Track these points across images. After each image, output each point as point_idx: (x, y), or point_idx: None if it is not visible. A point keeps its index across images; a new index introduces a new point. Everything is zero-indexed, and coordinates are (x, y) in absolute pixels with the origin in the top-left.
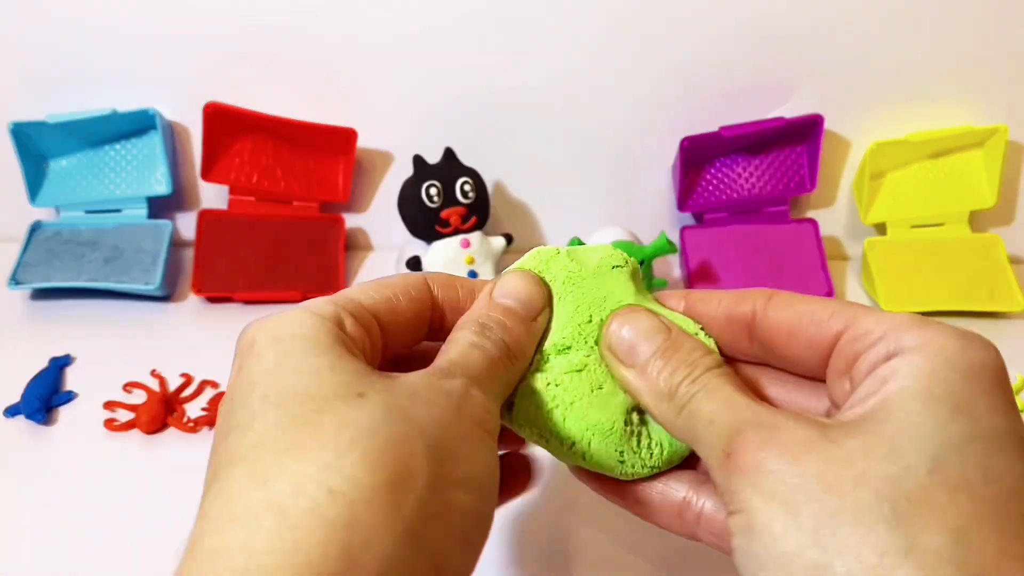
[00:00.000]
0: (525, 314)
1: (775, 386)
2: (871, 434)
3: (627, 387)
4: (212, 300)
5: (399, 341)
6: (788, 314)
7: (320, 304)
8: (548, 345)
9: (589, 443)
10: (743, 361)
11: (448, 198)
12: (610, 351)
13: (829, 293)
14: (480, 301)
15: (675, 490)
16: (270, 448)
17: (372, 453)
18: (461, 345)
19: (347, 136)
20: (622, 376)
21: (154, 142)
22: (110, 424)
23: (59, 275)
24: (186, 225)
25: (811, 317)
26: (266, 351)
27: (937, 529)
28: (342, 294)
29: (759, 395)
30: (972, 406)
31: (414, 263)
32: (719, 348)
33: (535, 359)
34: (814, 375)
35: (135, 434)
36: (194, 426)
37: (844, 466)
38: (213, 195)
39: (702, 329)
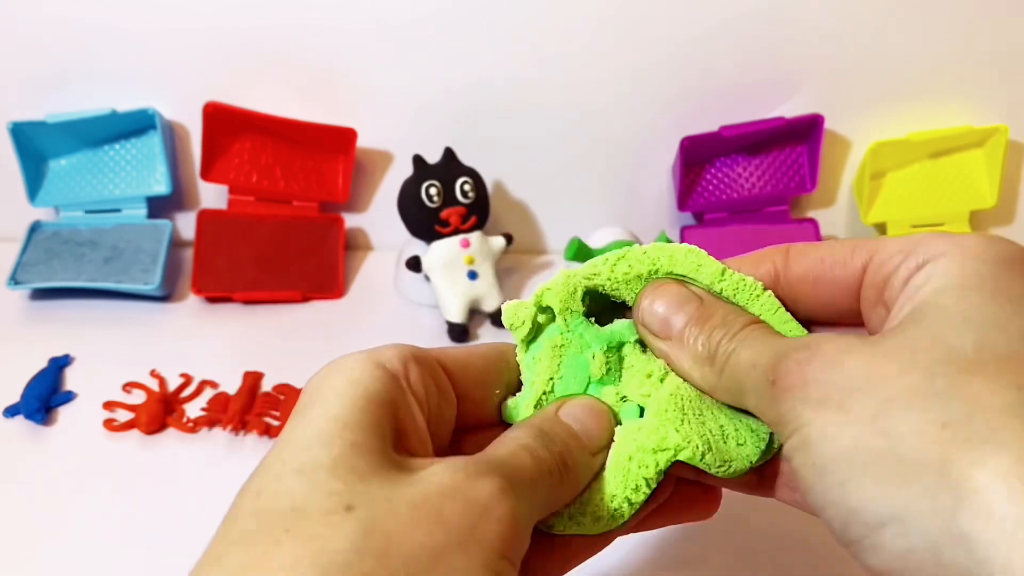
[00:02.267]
0: (589, 445)
1: None
2: (911, 331)
3: (666, 360)
4: (212, 300)
5: (475, 397)
6: (809, 262)
7: (387, 351)
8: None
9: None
10: None
11: (448, 198)
12: (644, 327)
13: None
14: (543, 412)
15: None
16: (227, 565)
17: None
18: (512, 445)
19: (347, 136)
20: (660, 350)
21: (153, 142)
22: (109, 424)
23: (58, 275)
24: (186, 225)
25: (833, 259)
26: (295, 420)
27: (994, 391)
28: (413, 347)
29: None
30: (1008, 289)
31: (414, 263)
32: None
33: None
34: (847, 319)
35: (134, 434)
36: (193, 426)
37: (889, 360)
38: (213, 195)
39: (764, 288)
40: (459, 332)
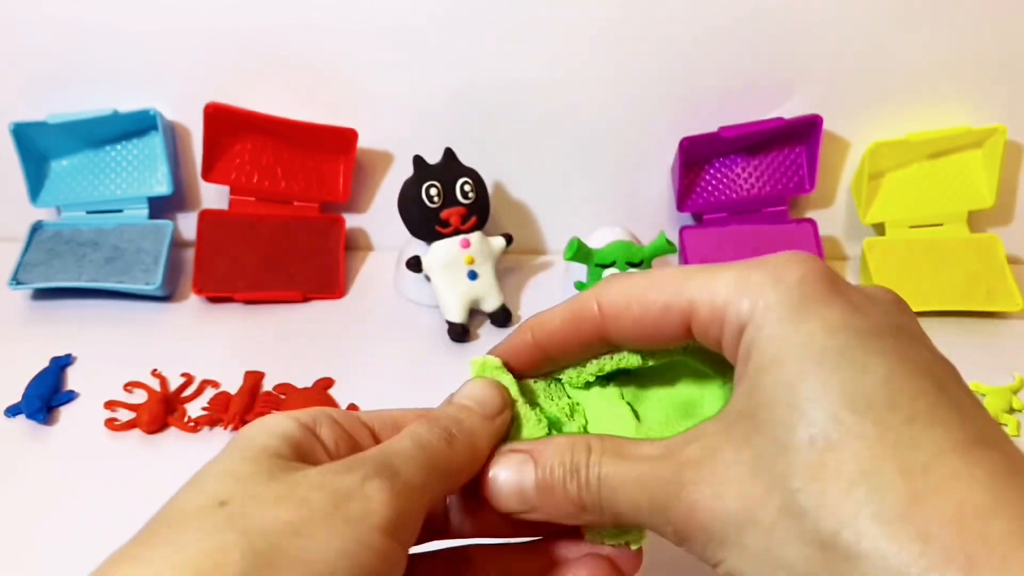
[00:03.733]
0: (482, 411)
1: None
2: (755, 433)
3: (550, 520)
4: (213, 300)
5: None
6: (626, 323)
7: (308, 411)
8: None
9: None
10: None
11: (448, 198)
12: (508, 510)
13: None
14: (439, 406)
15: None
16: (113, 560)
17: (170, 566)
18: (396, 438)
19: (347, 136)
20: (534, 520)
21: (155, 142)
22: (111, 424)
23: (60, 275)
24: (187, 225)
25: (650, 322)
26: (216, 458)
27: (844, 495)
28: (344, 411)
29: None
30: (810, 346)
31: (414, 263)
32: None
33: None
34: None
35: (136, 434)
36: (195, 426)
37: (755, 479)
38: (214, 195)
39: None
40: (459, 332)
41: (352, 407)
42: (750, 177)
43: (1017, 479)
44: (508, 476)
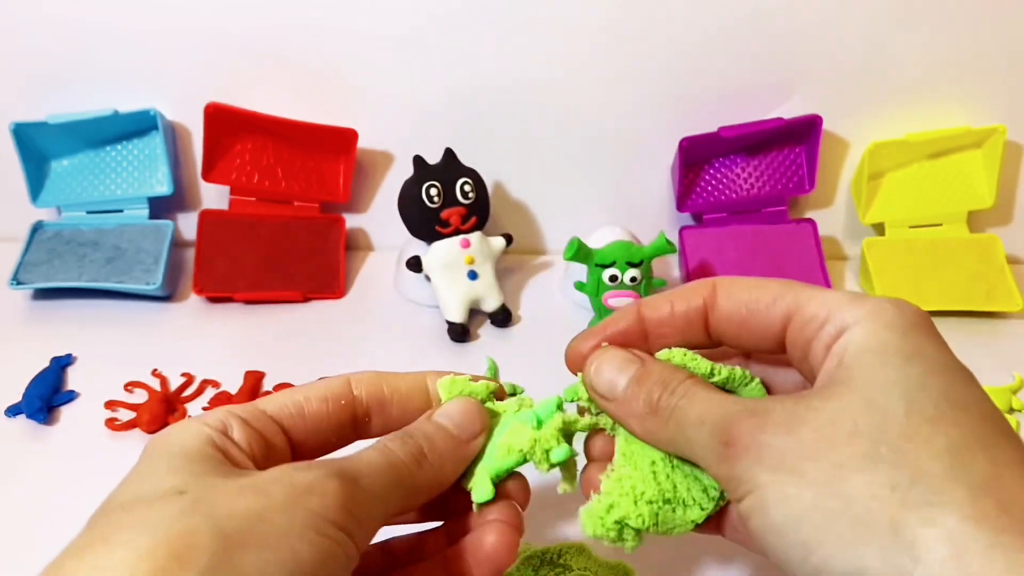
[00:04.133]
0: (458, 434)
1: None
2: (846, 395)
3: (616, 419)
4: (213, 300)
5: (312, 443)
6: (735, 304)
7: (213, 413)
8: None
9: None
10: (709, 348)
11: (448, 198)
12: (593, 390)
13: None
14: (419, 419)
15: None
16: (70, 553)
17: (145, 547)
18: (368, 449)
19: (348, 136)
20: (609, 411)
21: (155, 142)
22: (111, 423)
23: (60, 275)
24: (187, 225)
25: (755, 306)
26: (140, 462)
27: (932, 455)
28: (250, 403)
29: None
30: (920, 350)
31: (414, 263)
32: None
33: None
34: (772, 355)
35: (136, 433)
36: None
37: (834, 428)
38: (214, 195)
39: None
40: (459, 332)
41: None
42: (750, 177)
43: None
44: (612, 368)
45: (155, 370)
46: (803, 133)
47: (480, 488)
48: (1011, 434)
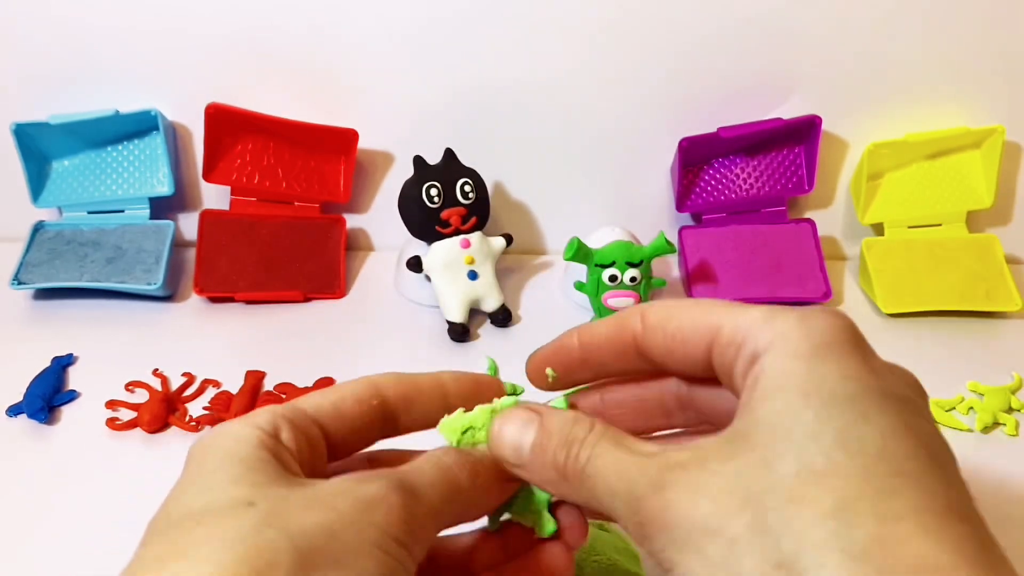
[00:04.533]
0: (515, 459)
1: (687, 393)
2: (746, 452)
3: (530, 482)
4: (214, 300)
5: (347, 444)
6: (662, 333)
7: (261, 415)
8: None
9: None
10: (647, 379)
11: (448, 198)
12: (501, 459)
13: (827, 293)
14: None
15: None
16: (146, 566)
17: (226, 563)
18: (421, 457)
19: (348, 137)
20: (520, 476)
21: (156, 143)
22: (112, 423)
23: (61, 275)
24: (188, 225)
25: (681, 334)
26: (190, 468)
27: (816, 520)
28: (289, 403)
29: (679, 409)
30: (821, 383)
31: (414, 263)
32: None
33: None
34: (708, 380)
35: (137, 433)
36: (196, 425)
37: (731, 496)
38: (215, 195)
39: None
40: (459, 332)
41: None
42: (749, 177)
43: (984, 554)
44: (512, 430)
45: (156, 370)
46: (802, 133)
47: (545, 522)
48: (914, 472)
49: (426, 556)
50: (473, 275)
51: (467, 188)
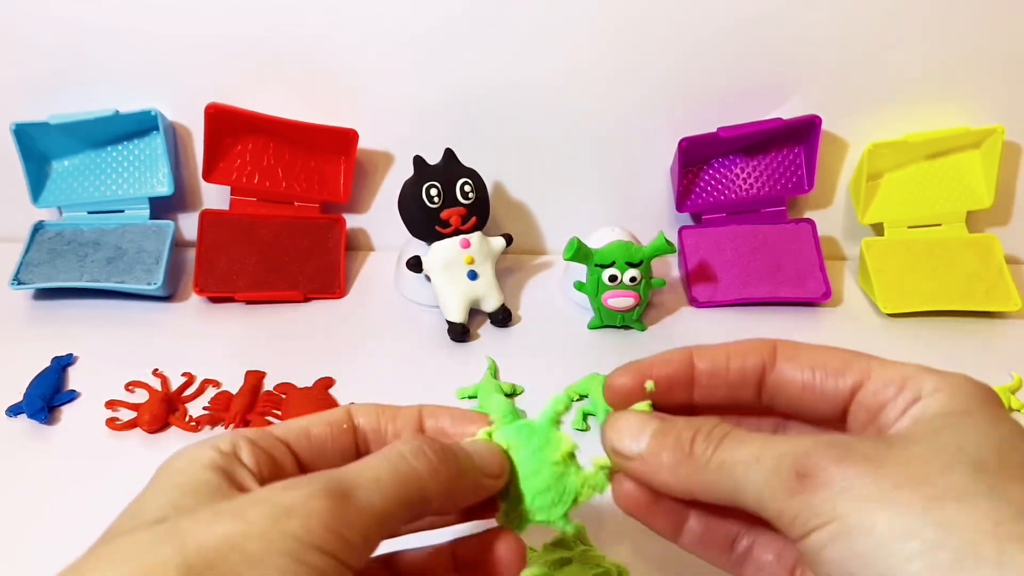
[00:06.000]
0: (477, 462)
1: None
2: (932, 440)
3: (642, 479)
4: (214, 300)
5: (319, 466)
6: (799, 368)
7: (224, 436)
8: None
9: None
10: (748, 415)
11: (448, 199)
12: (613, 451)
13: (827, 293)
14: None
15: (725, 526)
16: None
17: None
18: (374, 454)
19: (348, 137)
20: (633, 471)
21: (156, 143)
22: (112, 423)
23: (61, 275)
24: (188, 226)
25: (824, 371)
26: (145, 488)
27: (980, 519)
28: (258, 428)
29: None
30: (1003, 417)
31: (414, 263)
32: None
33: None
34: (824, 422)
35: (137, 433)
36: (196, 425)
37: (924, 462)
38: (215, 195)
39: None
40: (459, 332)
41: None
42: (749, 177)
43: None
44: (632, 420)
45: (156, 370)
46: (802, 133)
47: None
48: None
49: (383, 560)
50: (473, 275)
51: (467, 188)
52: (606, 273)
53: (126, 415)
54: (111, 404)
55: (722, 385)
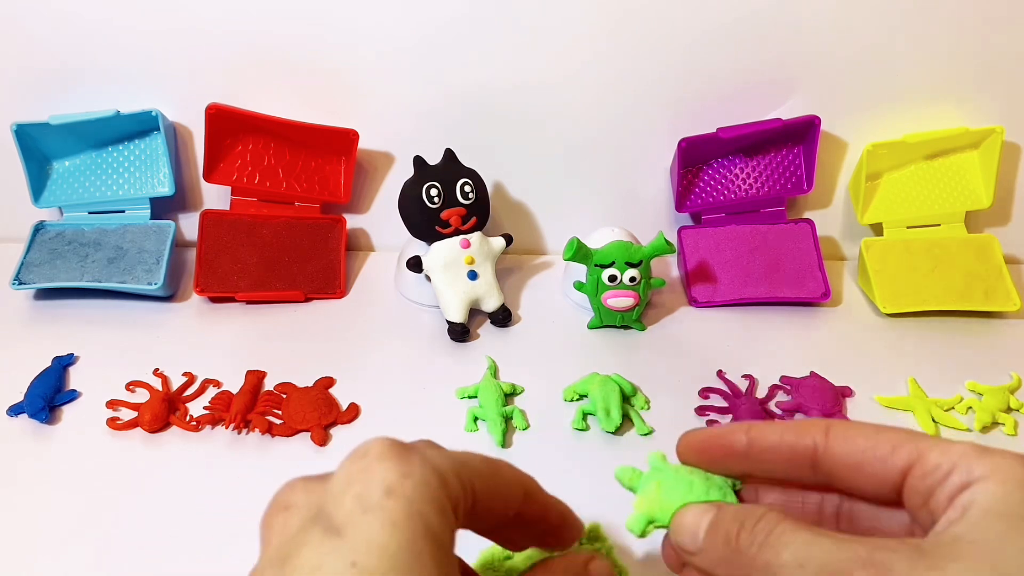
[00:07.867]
0: None
1: (848, 508)
2: (969, 556)
3: (703, 572)
4: (214, 300)
5: (491, 508)
6: (850, 449)
7: (440, 461)
8: None
9: None
10: (812, 489)
11: (448, 199)
12: (680, 548)
13: (826, 293)
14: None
15: None
16: None
17: None
18: None
19: (348, 137)
20: (695, 565)
21: (157, 143)
22: (113, 423)
23: (62, 275)
24: (189, 226)
25: (874, 453)
26: (394, 534)
27: None
28: (451, 453)
29: (834, 522)
30: None
31: (414, 263)
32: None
33: None
34: (883, 502)
35: (138, 433)
36: (197, 425)
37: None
38: (215, 196)
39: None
40: (459, 332)
41: (353, 407)
42: (748, 178)
43: None
44: (694, 513)
45: (157, 370)
46: (801, 134)
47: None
48: None
49: None
50: (473, 275)
51: (467, 188)
52: (606, 273)
53: (127, 415)
54: (112, 404)
55: (776, 460)
